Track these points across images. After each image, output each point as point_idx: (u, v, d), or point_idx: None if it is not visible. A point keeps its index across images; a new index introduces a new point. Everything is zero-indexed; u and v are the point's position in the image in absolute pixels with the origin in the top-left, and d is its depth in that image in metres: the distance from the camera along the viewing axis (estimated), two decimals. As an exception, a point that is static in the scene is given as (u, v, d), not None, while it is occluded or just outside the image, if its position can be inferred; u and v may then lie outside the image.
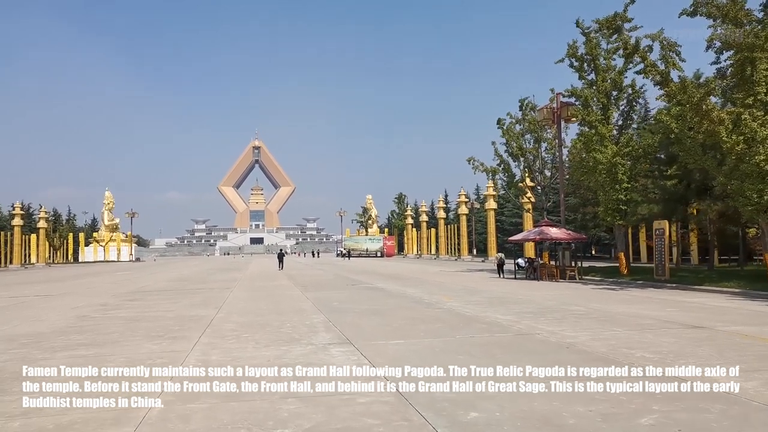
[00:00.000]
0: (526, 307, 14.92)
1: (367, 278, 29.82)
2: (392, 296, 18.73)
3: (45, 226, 79.25)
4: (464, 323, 11.82)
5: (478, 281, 26.61)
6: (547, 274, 26.43)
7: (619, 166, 24.25)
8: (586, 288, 21.86)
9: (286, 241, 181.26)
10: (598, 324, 11.45)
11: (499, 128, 33.77)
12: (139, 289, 24.29)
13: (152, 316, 13.96)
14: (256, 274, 37.28)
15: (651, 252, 44.38)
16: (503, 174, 35.13)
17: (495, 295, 18.60)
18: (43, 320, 13.65)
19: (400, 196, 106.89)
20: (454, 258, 70.18)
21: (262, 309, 15.24)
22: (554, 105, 30.51)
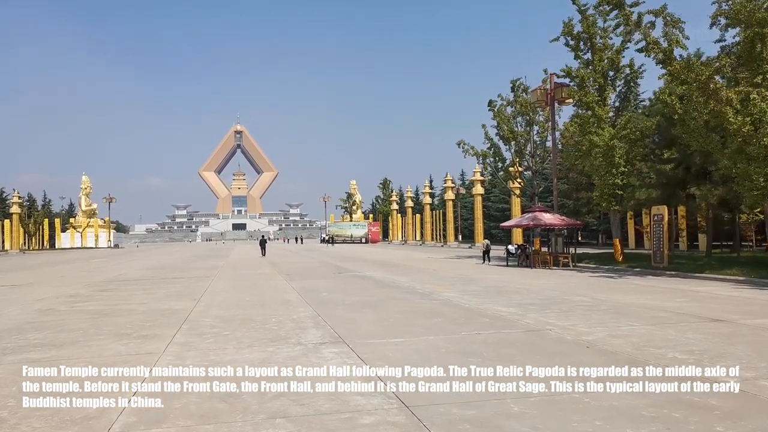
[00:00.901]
0: (528, 297, 14.03)
1: (354, 265, 28.79)
2: (383, 286, 17.74)
3: (18, 211, 76.65)
4: (465, 317, 10.86)
5: (470, 269, 25.75)
6: (541, 261, 25.67)
7: (616, 149, 23.42)
8: (583, 276, 21.11)
9: (269, 227, 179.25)
10: (611, 318, 10.57)
11: (490, 110, 32.72)
12: (114, 278, 22.96)
13: (124, 310, 12.77)
14: (239, 261, 36.02)
15: (640, 238, 44.18)
16: (493, 158, 34.18)
17: (491, 284, 17.72)
18: (1, 314, 12.38)
19: (384, 181, 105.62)
20: (440, 244, 69.49)
21: (245, 301, 14.13)
22: (548, 86, 29.56)
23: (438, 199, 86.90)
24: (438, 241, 74.81)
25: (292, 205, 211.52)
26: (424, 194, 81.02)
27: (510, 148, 33.34)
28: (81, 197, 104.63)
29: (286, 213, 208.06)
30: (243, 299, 14.52)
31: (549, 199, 44.72)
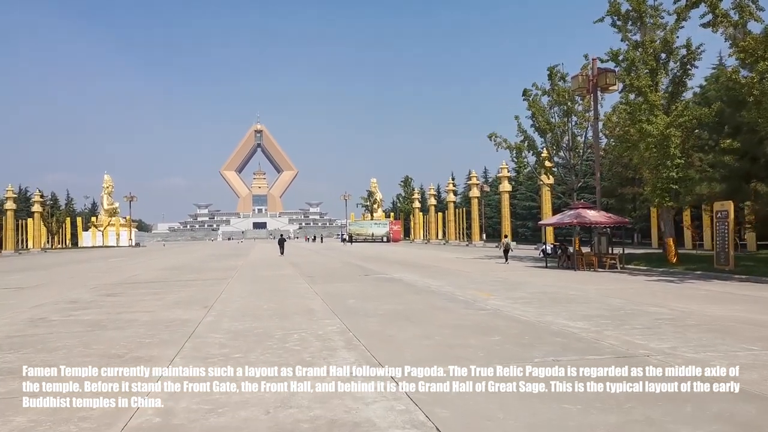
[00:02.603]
0: (591, 307, 11.96)
1: (380, 266, 26.92)
2: (417, 291, 15.80)
3: (40, 210, 76.57)
4: (529, 334, 8.87)
5: (506, 270, 23.66)
6: (585, 263, 23.44)
7: (671, 138, 21.07)
8: (638, 280, 18.88)
9: (289, 226, 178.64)
10: (715, 338, 8.46)
11: (524, 100, 30.47)
12: (125, 280, 21.46)
13: (124, 320, 11.08)
14: (258, 261, 34.44)
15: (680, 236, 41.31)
16: (528, 151, 31.95)
17: (539, 290, 15.66)
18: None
19: (406, 179, 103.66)
20: (465, 243, 67.25)
21: (262, 309, 12.34)
22: (589, 72, 27.24)
23: (460, 197, 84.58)
24: (462, 240, 72.57)
25: (312, 203, 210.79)
26: (448, 192, 78.73)
27: (546, 141, 31.08)
28: (103, 196, 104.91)
29: (306, 212, 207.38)
30: (260, 307, 12.73)
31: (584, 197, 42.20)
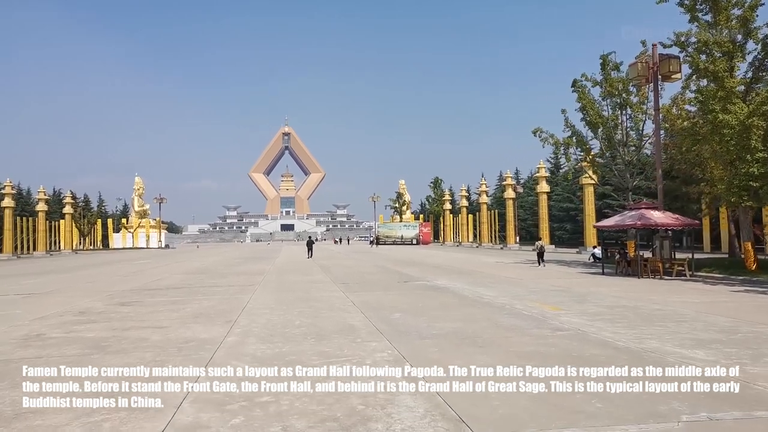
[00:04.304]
0: (696, 328, 9.69)
1: (417, 271, 24.87)
2: (469, 302, 13.71)
3: (71, 211, 76.88)
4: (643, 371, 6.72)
5: (561, 277, 21.34)
6: (650, 269, 20.96)
7: (753, 129, 18.49)
8: (721, 290, 16.39)
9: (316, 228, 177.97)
10: None
11: (574, 91, 28.00)
12: (146, 286, 19.92)
13: (131, 339, 9.32)
14: (287, 264, 32.77)
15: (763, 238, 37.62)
16: (576, 147, 29.50)
17: (613, 302, 13.39)
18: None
19: (436, 180, 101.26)
20: (499, 246, 64.63)
21: (294, 326, 10.45)
22: (647, 59, 24.69)
23: (492, 199, 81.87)
24: (495, 243, 69.93)
25: (339, 205, 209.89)
26: (480, 193, 76.14)
27: (597, 136, 28.58)
28: (134, 198, 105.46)
29: (334, 214, 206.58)
30: (291, 323, 10.84)
31: (635, 198, 39.34)
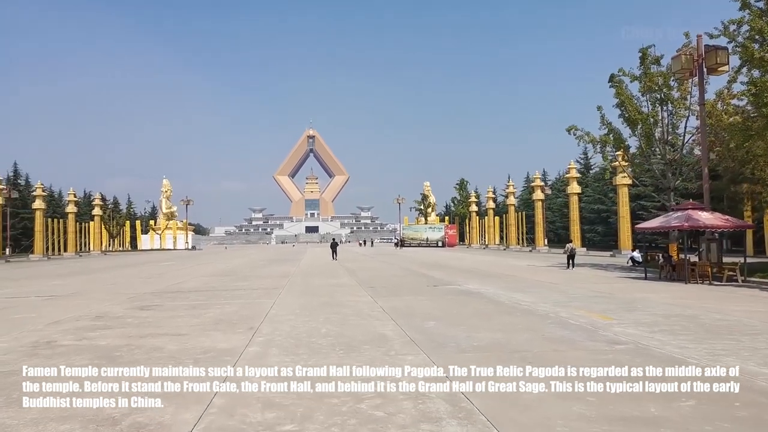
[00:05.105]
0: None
1: (446, 275, 23.88)
2: (507, 309, 12.70)
3: (100, 213, 77.92)
4: (738, 400, 5.65)
5: (600, 282, 20.10)
6: (699, 274, 19.57)
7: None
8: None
9: (340, 230, 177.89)
10: None
11: (611, 86, 26.63)
12: (168, 288, 19.40)
13: (145, 349, 8.61)
14: (312, 267, 32.10)
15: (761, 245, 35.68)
16: (612, 146, 28.12)
17: (667, 311, 12.23)
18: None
19: (461, 182, 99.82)
20: (528, 249, 63.05)
21: (320, 335, 9.62)
22: (691, 51, 23.26)
23: (518, 200, 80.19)
24: (523, 245, 68.32)
25: (363, 207, 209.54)
26: (507, 195, 74.60)
27: (635, 133, 27.17)
28: (162, 200, 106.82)
29: (358, 216, 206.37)
30: (317, 331, 10.02)
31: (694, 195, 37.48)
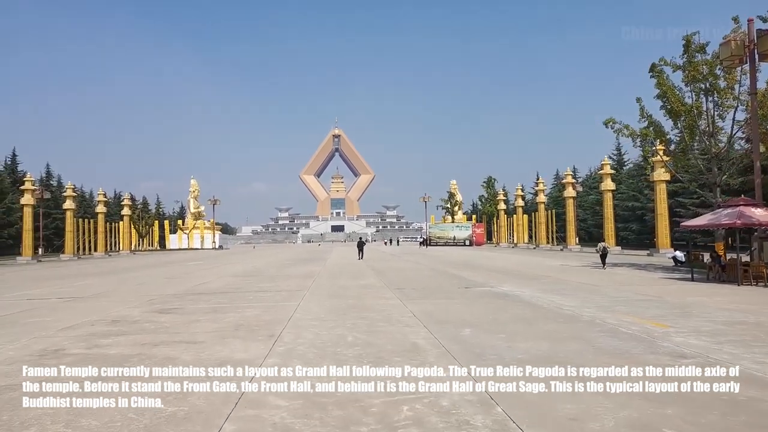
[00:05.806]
0: None
1: (478, 276, 22.86)
2: (550, 315, 11.69)
3: (128, 213, 78.94)
4: None
5: (645, 284, 18.83)
6: (753, 276, 18.15)
7: None
8: None
9: (366, 229, 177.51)
10: None
11: (652, 77, 25.18)
12: (191, 290, 18.90)
13: (157, 359, 7.93)
14: (338, 267, 31.41)
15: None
16: (653, 138, 26.64)
17: (728, 317, 11.06)
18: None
19: (489, 180, 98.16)
20: (559, 247, 61.30)
21: (346, 343, 8.81)
22: (742, 36, 21.72)
23: (548, 198, 78.31)
24: (553, 244, 66.55)
25: (389, 206, 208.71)
26: (537, 192, 72.84)
27: (677, 125, 25.66)
28: (189, 200, 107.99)
29: (383, 215, 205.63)
30: (343, 339, 9.22)
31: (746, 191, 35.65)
